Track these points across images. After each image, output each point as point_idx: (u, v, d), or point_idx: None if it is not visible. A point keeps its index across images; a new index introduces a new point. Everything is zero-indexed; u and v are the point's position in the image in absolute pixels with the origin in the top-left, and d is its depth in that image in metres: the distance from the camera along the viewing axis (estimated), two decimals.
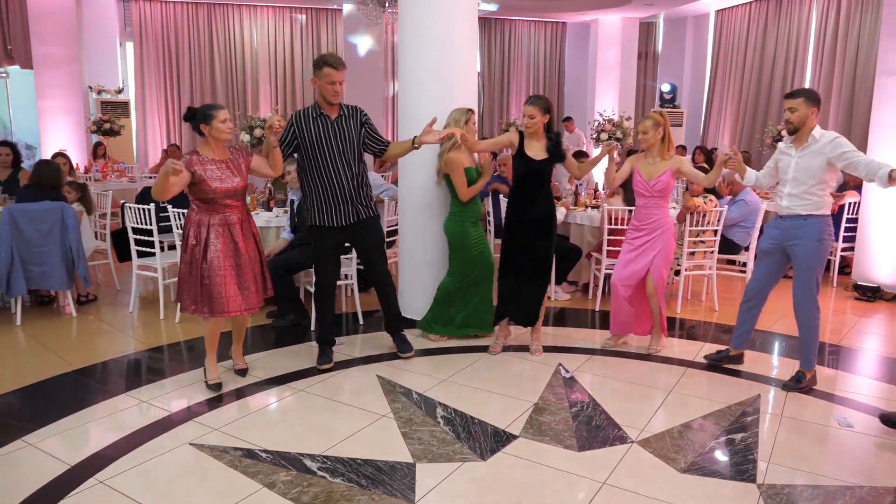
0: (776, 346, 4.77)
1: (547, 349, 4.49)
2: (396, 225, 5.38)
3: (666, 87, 13.02)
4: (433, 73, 4.67)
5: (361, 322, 5.10)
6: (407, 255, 5.01)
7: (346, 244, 4.32)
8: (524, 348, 4.50)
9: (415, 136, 4.01)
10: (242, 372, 4.03)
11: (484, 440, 3.19)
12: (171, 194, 3.45)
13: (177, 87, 12.12)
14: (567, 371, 4.11)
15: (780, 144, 3.95)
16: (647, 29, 13.98)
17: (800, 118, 3.70)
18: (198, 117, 3.61)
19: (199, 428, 3.30)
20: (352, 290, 5.33)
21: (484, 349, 4.47)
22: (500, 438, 3.21)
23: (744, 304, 4.18)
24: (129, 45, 11.99)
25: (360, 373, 4.09)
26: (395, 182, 5.97)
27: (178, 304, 3.80)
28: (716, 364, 4.26)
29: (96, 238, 6.17)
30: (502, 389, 3.82)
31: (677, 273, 5.53)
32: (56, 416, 3.43)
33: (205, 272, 3.59)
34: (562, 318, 5.42)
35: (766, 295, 4.12)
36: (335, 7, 12.42)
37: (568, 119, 12.12)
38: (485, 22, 13.54)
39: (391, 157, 4.24)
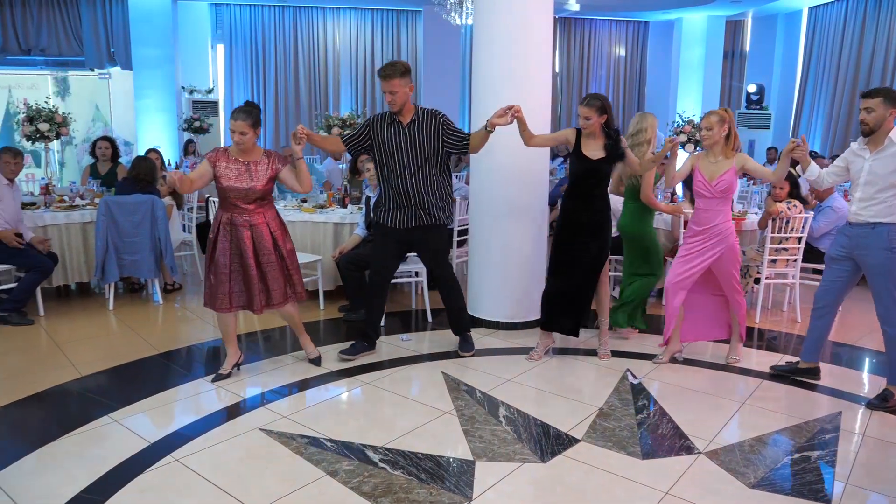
0: (862, 361, 4.52)
1: (615, 354, 4.41)
2: (467, 224, 5.41)
3: (752, 88, 12.52)
4: (508, 73, 4.67)
5: (430, 319, 5.16)
6: (476, 254, 5.03)
7: (407, 249, 4.33)
8: (592, 352, 4.44)
9: (487, 121, 3.90)
10: (317, 360, 4.14)
11: (545, 442, 3.18)
12: (196, 188, 3.78)
13: (262, 87, 12.58)
14: (635, 377, 4.03)
15: (853, 145, 3.74)
16: (734, 27, 13.48)
17: (877, 119, 3.50)
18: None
19: (270, 414, 3.43)
20: (421, 287, 5.40)
21: (560, 352, 4.44)
22: (561, 441, 3.19)
23: (814, 312, 3.96)
24: (220, 48, 12.54)
25: (427, 369, 4.14)
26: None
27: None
28: (784, 375, 4.06)
29: (183, 230, 6.50)
30: (567, 392, 3.79)
31: (757, 281, 5.32)
32: (140, 395, 3.65)
33: (212, 268, 3.74)
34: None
35: (837, 304, 3.91)
36: (415, 9, 12.60)
37: None
38: (563, 22, 13.40)
39: (475, 150, 4.10)
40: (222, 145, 3.88)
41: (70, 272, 5.54)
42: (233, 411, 3.48)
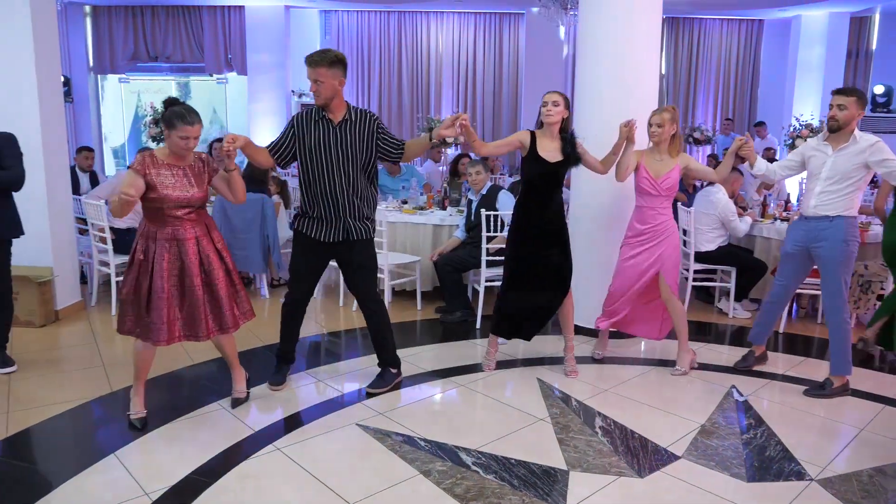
0: None
1: (720, 369, 4.22)
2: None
3: (880, 90, 11.63)
4: (612, 74, 4.57)
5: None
6: (575, 261, 4.93)
7: (332, 261, 3.84)
8: (698, 365, 4.26)
9: (431, 129, 3.63)
10: (237, 402, 3.57)
11: (643, 456, 3.08)
12: (127, 212, 3.03)
13: (367, 91, 12.93)
14: (741, 394, 3.84)
15: (811, 141, 3.89)
16: (858, 24, 12.57)
17: (847, 117, 3.61)
18: (165, 116, 3.14)
19: (366, 410, 3.52)
20: None
21: (653, 363, 4.30)
22: (660, 457, 3.08)
23: (766, 304, 4.17)
24: None
25: (521, 374, 4.12)
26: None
27: (118, 323, 3.28)
28: (745, 369, 4.19)
29: (290, 228, 6.77)
30: (667, 406, 3.66)
31: (880, 298, 4.93)
32: (246, 385, 3.83)
33: (148, 293, 3.15)
34: (740, 337, 5.06)
35: (790, 298, 4.15)
36: (517, 11, 12.57)
37: (760, 124, 11.25)
38: (671, 22, 12.96)
39: (410, 157, 3.73)
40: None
41: None
42: (331, 405, 3.60)
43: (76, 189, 6.49)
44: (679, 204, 5.88)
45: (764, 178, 4.30)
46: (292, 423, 3.37)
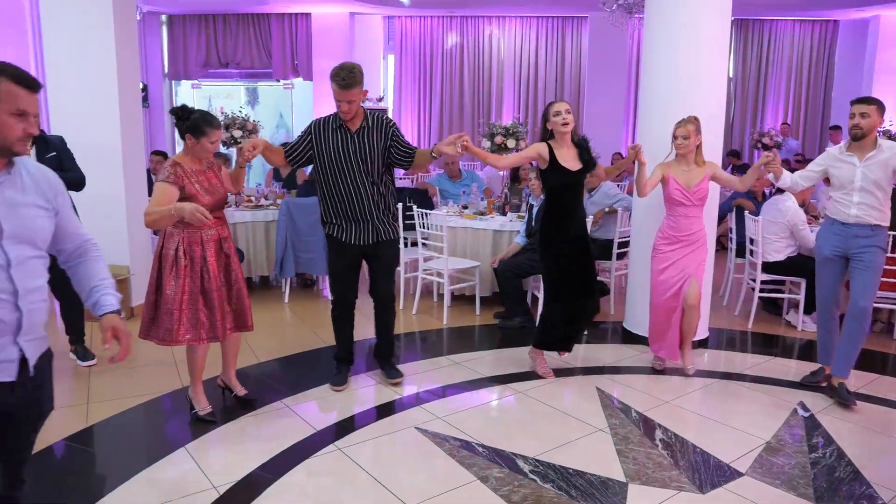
0: None
1: (786, 384, 4.09)
2: (628, 237, 5.26)
3: None
4: (679, 80, 4.48)
5: (585, 332, 5.08)
6: (638, 268, 4.87)
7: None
8: (760, 379, 4.15)
9: (434, 146, 3.67)
10: (247, 395, 3.66)
11: (705, 472, 3.02)
12: (163, 225, 3.20)
13: (429, 96, 13.05)
14: (807, 410, 3.71)
15: (832, 151, 3.89)
16: None
17: (870, 125, 3.64)
18: (189, 124, 3.24)
19: (425, 414, 3.56)
20: None
21: (717, 375, 4.21)
22: (723, 473, 3.01)
23: (821, 320, 4.05)
24: (391, 58, 13.18)
25: (580, 382, 4.09)
26: (630, 192, 5.85)
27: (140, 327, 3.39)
28: (814, 385, 4.05)
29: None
30: (731, 421, 3.57)
31: None
32: (309, 384, 3.94)
33: (163, 296, 3.24)
34: (808, 351, 4.88)
35: (839, 304, 3.99)
36: (581, 15, 12.46)
37: (835, 128, 10.81)
38: (739, 24, 12.60)
39: (418, 167, 3.81)
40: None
41: (253, 266, 6.09)
42: (391, 408, 3.66)
43: (150, 191, 6.79)
44: (745, 212, 5.73)
45: (789, 190, 4.47)
46: (353, 423, 3.45)
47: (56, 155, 4.00)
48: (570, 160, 3.82)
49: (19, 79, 1.74)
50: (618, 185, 7.30)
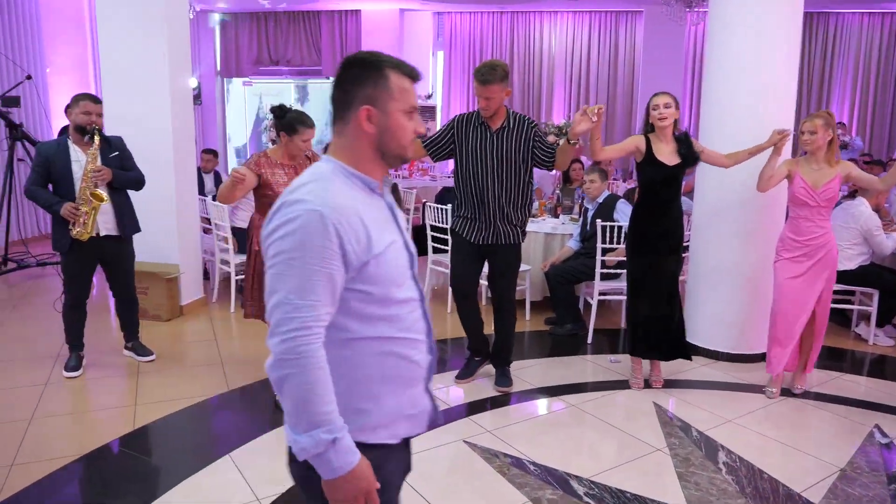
0: None
1: (859, 404, 3.83)
2: (686, 240, 5.02)
3: None
4: (745, 76, 4.22)
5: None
6: (697, 275, 4.64)
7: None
8: (833, 398, 3.89)
9: (567, 133, 3.53)
10: None
11: (773, 501, 2.81)
12: (236, 198, 3.49)
13: None
14: (885, 435, 3.45)
15: None
16: None
17: None
18: (284, 123, 3.48)
19: (473, 427, 3.44)
20: None
21: (784, 392, 3.96)
22: (794, 503, 2.80)
23: None
24: (440, 55, 13.07)
25: (636, 397, 3.90)
26: (689, 193, 5.60)
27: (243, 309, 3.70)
28: None
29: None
30: (800, 444, 3.34)
31: None
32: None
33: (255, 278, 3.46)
34: (881, 367, 4.58)
35: None
36: (635, 9, 12.12)
37: None
38: (804, 17, 12.07)
39: (561, 167, 3.72)
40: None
41: None
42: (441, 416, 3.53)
43: (200, 190, 6.83)
44: None
45: None
46: None
47: (117, 155, 4.03)
48: (667, 154, 3.70)
49: (405, 69, 1.45)
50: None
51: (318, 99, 12.60)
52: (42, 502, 2.77)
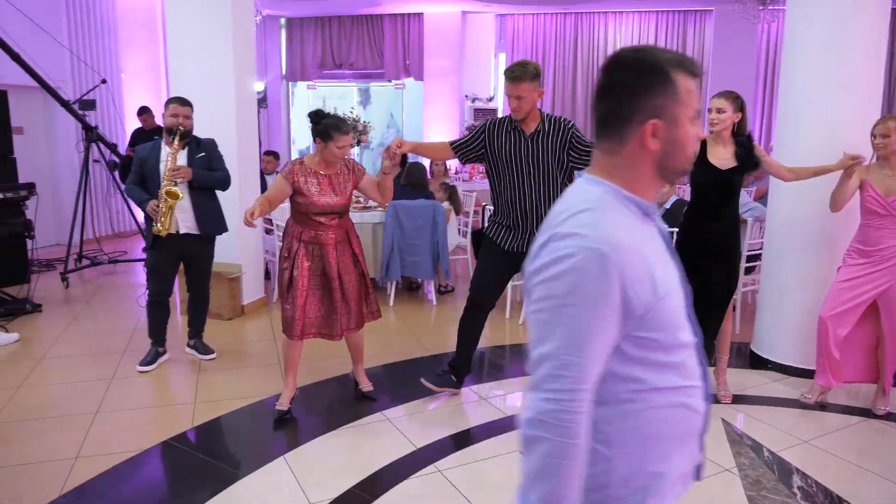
0: None
1: None
2: (760, 249, 4.79)
3: None
4: (826, 77, 3.97)
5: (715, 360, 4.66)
6: (770, 286, 4.39)
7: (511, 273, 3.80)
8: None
9: None
10: (370, 394, 3.76)
11: None
12: (273, 209, 3.44)
13: None
14: None
15: None
16: None
17: None
18: (319, 128, 3.35)
19: None
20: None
21: (866, 412, 3.70)
22: None
23: None
24: (501, 57, 12.97)
25: None
26: (762, 198, 5.33)
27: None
28: None
29: (458, 235, 6.77)
30: (883, 469, 3.09)
31: None
32: (410, 395, 3.80)
33: (290, 292, 3.40)
34: None
35: None
36: (705, 8, 11.73)
37: None
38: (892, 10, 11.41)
39: None
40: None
41: None
42: (497, 427, 3.45)
43: (262, 191, 6.95)
44: None
45: None
46: (456, 443, 3.27)
47: (204, 156, 4.17)
48: (721, 158, 3.51)
49: (688, 66, 1.20)
50: (747, 192, 6.74)
51: (380, 102, 12.71)
52: (102, 496, 2.82)
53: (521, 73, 3.34)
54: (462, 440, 3.30)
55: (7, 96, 6.05)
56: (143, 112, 7.90)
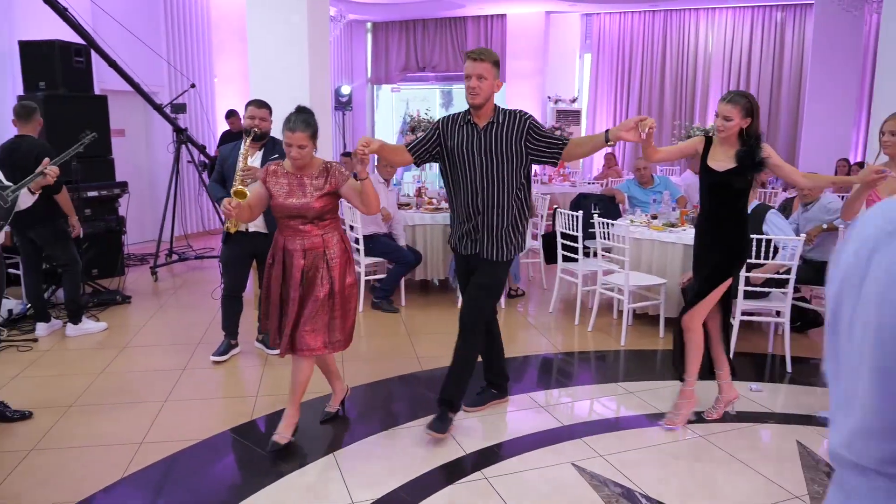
0: None
1: None
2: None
3: None
4: None
5: (790, 369, 4.34)
6: None
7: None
8: None
9: (608, 130, 3.10)
10: (329, 415, 3.51)
11: None
12: (254, 216, 3.25)
13: (626, 96, 12.39)
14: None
15: None
16: None
17: None
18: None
19: (585, 449, 3.21)
20: (783, 329, 4.57)
21: None
22: None
23: None
24: (587, 57, 12.71)
25: (777, 432, 3.47)
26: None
27: None
28: None
29: (530, 238, 6.65)
30: None
31: None
32: (465, 400, 3.74)
33: (267, 300, 3.23)
34: None
35: None
36: (805, 2, 11.05)
37: None
38: None
39: (573, 157, 3.32)
40: None
41: (430, 268, 6.07)
42: (548, 437, 3.34)
43: None
44: None
45: None
46: (504, 451, 3.20)
47: (278, 157, 4.27)
48: (720, 159, 3.29)
49: None
50: (840, 198, 6.27)
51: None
52: (158, 481, 2.93)
53: (484, 54, 3.21)
54: (513, 448, 3.22)
55: (107, 101, 6.46)
56: (231, 115, 8.25)
